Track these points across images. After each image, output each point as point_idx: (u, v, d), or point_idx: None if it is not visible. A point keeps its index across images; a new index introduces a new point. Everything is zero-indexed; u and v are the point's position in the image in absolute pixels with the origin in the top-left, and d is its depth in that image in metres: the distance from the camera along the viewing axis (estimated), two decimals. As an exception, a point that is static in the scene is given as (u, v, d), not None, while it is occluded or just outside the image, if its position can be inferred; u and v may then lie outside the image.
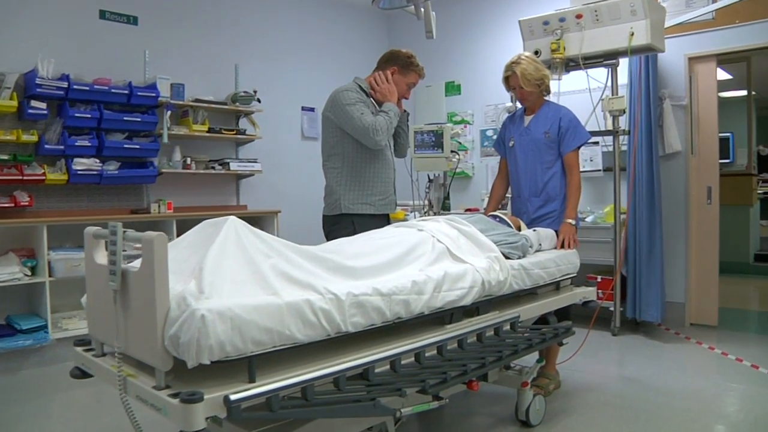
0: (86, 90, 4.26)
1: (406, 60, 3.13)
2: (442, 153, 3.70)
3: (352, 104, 2.90)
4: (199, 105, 4.92)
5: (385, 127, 2.90)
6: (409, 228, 2.54)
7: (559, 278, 2.86)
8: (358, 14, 6.60)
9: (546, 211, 3.22)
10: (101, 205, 4.65)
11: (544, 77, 3.13)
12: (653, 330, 4.61)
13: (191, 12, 5.19)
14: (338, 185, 3.05)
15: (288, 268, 1.86)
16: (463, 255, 2.38)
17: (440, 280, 2.13)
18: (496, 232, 2.69)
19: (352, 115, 2.89)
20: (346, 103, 2.91)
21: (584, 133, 3.17)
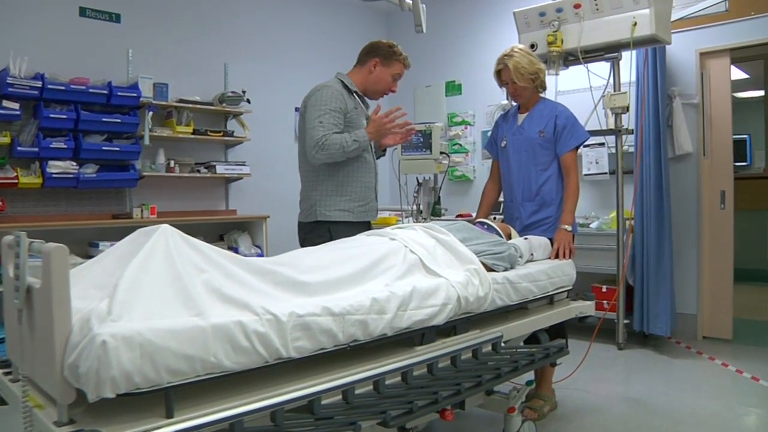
0: (62, 90, 4.07)
1: (388, 50, 2.89)
2: (430, 154, 3.45)
3: (319, 106, 2.67)
4: (184, 106, 4.71)
5: (336, 149, 2.64)
6: (380, 237, 2.30)
7: (552, 292, 2.60)
8: (355, 12, 6.38)
9: (540, 217, 2.96)
10: (81, 209, 4.45)
11: (538, 71, 2.87)
12: (662, 343, 4.31)
13: (178, 9, 4.99)
14: (314, 189, 2.81)
15: (224, 284, 1.63)
16: (438, 267, 2.13)
17: (407, 296, 1.88)
18: (480, 242, 2.43)
19: (310, 117, 2.68)
20: (315, 103, 2.70)
21: (582, 132, 2.91)
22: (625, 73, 3.94)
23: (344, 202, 2.80)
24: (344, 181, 2.80)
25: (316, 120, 2.64)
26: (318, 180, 2.80)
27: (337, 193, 2.80)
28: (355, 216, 2.80)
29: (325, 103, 2.68)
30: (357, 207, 2.83)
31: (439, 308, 1.96)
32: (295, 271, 1.87)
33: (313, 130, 2.64)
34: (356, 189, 2.83)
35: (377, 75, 2.87)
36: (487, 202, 3.13)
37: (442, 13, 6.12)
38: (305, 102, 2.78)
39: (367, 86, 2.90)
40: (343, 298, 1.77)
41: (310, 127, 2.65)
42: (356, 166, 2.82)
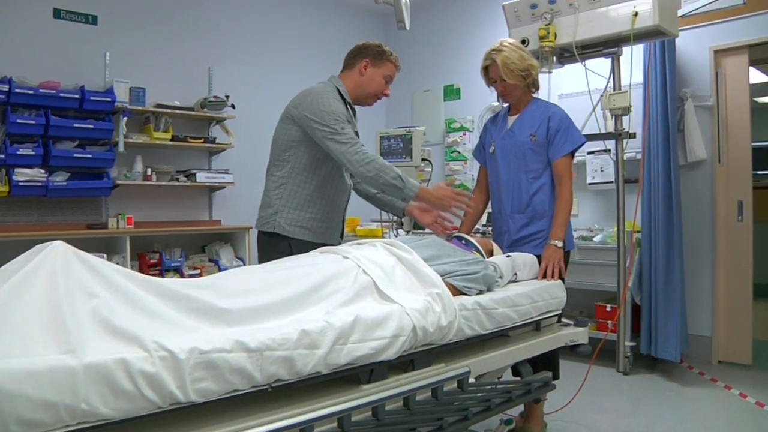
0: (30, 94, 3.86)
1: (377, 49, 2.61)
2: (411, 161, 3.16)
3: (333, 112, 2.38)
4: (161, 111, 4.48)
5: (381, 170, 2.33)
6: (334, 254, 2.01)
7: (536, 317, 2.28)
8: (351, 14, 6.12)
9: (531, 231, 2.66)
10: (54, 219, 4.23)
11: (530, 68, 2.57)
12: (673, 368, 3.95)
13: (159, 11, 4.77)
14: (277, 198, 2.52)
15: (117, 312, 1.36)
16: (394, 291, 1.83)
17: (347, 327, 1.58)
18: (450, 260, 2.13)
19: (322, 121, 2.37)
20: (325, 109, 2.38)
21: (578, 136, 2.60)
22: (632, 73, 3.60)
23: (306, 218, 2.51)
24: (313, 196, 2.52)
25: (338, 127, 2.35)
26: (284, 188, 2.51)
27: (302, 207, 2.51)
28: (315, 236, 2.51)
29: (339, 112, 2.40)
30: (319, 227, 2.54)
31: (388, 341, 1.66)
32: (216, 296, 1.59)
33: (341, 137, 2.35)
34: (323, 207, 2.54)
35: (368, 77, 2.59)
36: (471, 213, 2.82)
37: (439, 15, 5.84)
38: (302, 104, 2.46)
39: (359, 91, 2.60)
40: (265, 330, 1.49)
41: (331, 133, 2.35)
42: (331, 184, 2.55)
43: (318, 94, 2.44)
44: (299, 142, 2.48)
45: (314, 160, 2.49)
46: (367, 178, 2.34)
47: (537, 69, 2.60)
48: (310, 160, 2.49)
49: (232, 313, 1.54)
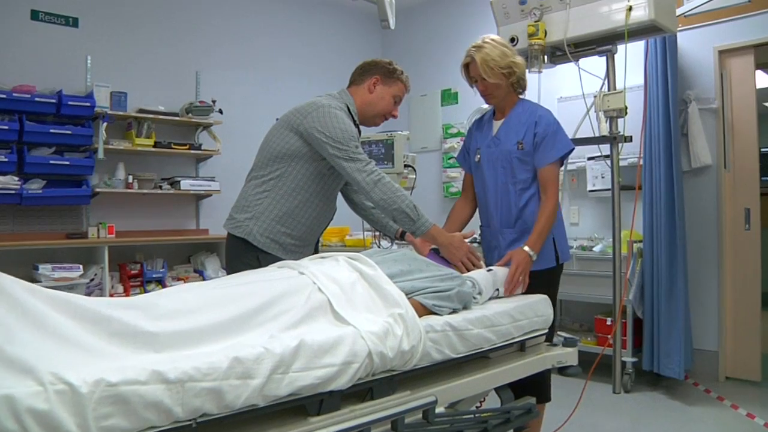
0: (3, 98, 3.73)
1: (388, 67, 2.44)
2: (393, 168, 2.98)
3: (345, 130, 2.22)
4: (144, 116, 4.33)
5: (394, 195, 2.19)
6: (290, 269, 1.83)
7: (519, 338, 2.08)
8: (345, 17, 5.96)
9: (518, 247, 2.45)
10: (32, 228, 4.09)
11: (512, 65, 2.36)
12: (677, 385, 3.73)
13: (144, 13, 4.63)
14: (257, 203, 2.33)
15: (17, 337, 1.19)
16: (350, 312, 1.65)
17: (288, 354, 1.39)
18: (421, 276, 1.94)
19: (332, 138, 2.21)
20: (335, 125, 2.21)
21: (565, 143, 2.39)
22: (629, 73, 3.40)
23: (281, 232, 2.33)
24: (294, 212, 2.34)
25: (353, 146, 2.20)
26: (267, 195, 2.32)
27: (280, 219, 2.33)
28: (285, 253, 2.33)
29: (353, 131, 2.25)
30: (291, 244, 2.36)
31: (338, 368, 1.47)
32: (145, 317, 1.41)
33: (357, 155, 2.21)
34: (301, 226, 2.36)
35: (377, 95, 2.42)
36: (453, 222, 2.62)
37: (436, 18, 5.68)
38: (307, 114, 2.26)
39: (366, 109, 2.43)
40: (192, 357, 1.31)
41: (346, 152, 2.20)
42: (317, 204, 2.37)
43: (330, 110, 2.25)
44: (298, 156, 2.29)
45: (308, 176, 2.32)
46: (379, 201, 2.19)
47: (522, 67, 2.40)
48: (303, 175, 2.31)
49: (160, 338, 1.37)
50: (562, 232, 2.49)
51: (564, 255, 2.47)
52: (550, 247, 2.42)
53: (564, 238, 2.50)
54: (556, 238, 2.43)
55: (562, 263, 2.48)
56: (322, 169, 2.32)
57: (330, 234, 4.75)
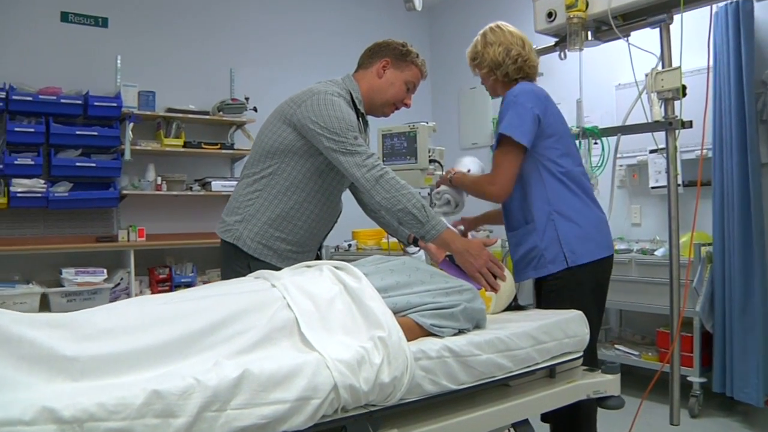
0: (29, 101, 3.67)
1: (401, 49, 2.14)
2: (416, 163, 2.67)
3: (343, 119, 1.92)
4: (172, 116, 4.20)
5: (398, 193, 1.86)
6: (264, 281, 1.57)
7: (543, 364, 1.73)
8: (389, 8, 5.67)
9: (525, 249, 2.11)
10: (62, 232, 4.03)
11: (476, 55, 2.21)
12: (755, 413, 3.22)
13: (175, 10, 4.51)
14: (248, 204, 2.09)
15: None
16: (318, 334, 1.37)
17: (226, 387, 1.13)
18: (423, 289, 1.63)
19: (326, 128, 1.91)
20: (331, 114, 1.92)
21: (509, 121, 2.02)
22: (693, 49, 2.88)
23: (274, 237, 2.07)
24: (289, 214, 2.07)
25: (351, 137, 1.91)
26: (258, 195, 2.07)
27: (272, 222, 2.07)
28: (279, 260, 2.06)
29: (351, 120, 1.94)
30: (287, 250, 2.09)
31: (291, 405, 1.18)
32: (68, 337, 1.20)
33: (355, 148, 1.90)
34: (298, 229, 2.09)
35: (387, 79, 2.13)
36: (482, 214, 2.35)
37: (484, 6, 5.32)
38: (301, 103, 1.99)
39: (374, 96, 2.14)
40: (104, 390, 1.08)
41: (343, 144, 1.90)
42: (315, 204, 2.09)
43: (326, 97, 1.96)
44: (292, 151, 2.02)
45: (304, 173, 2.05)
46: (382, 201, 1.86)
47: (494, 53, 2.15)
48: (299, 172, 2.04)
49: (78, 363, 1.15)
50: (574, 230, 2.08)
51: (578, 256, 2.07)
52: (555, 247, 2.06)
53: (579, 237, 2.08)
54: (563, 237, 2.06)
55: (581, 266, 2.08)
56: (320, 166, 2.05)
57: (366, 236, 4.48)
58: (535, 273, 2.07)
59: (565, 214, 2.07)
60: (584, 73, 4.24)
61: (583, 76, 4.27)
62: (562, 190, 2.07)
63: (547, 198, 2.06)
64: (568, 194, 2.07)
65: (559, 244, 2.05)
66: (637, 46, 2.50)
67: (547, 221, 2.06)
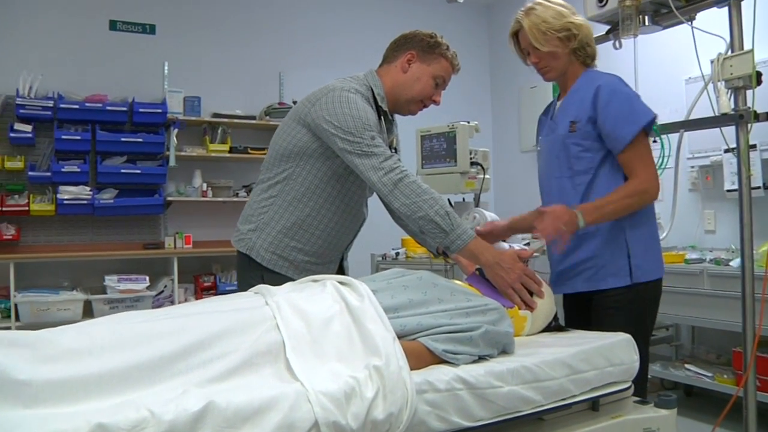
0: (76, 109, 3.71)
1: (428, 40, 1.94)
2: (455, 166, 2.46)
3: (360, 118, 1.76)
4: (218, 121, 4.16)
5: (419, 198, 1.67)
6: (259, 297, 1.42)
7: (581, 396, 1.49)
8: (446, 6, 5.46)
9: (579, 258, 1.82)
10: (109, 238, 4.06)
11: (571, 26, 1.79)
12: None
13: (222, 15, 4.48)
14: (262, 212, 1.95)
15: None
16: (306, 360, 1.20)
17: (186, 422, 0.98)
18: (438, 309, 1.43)
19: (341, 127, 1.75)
20: (347, 112, 1.77)
21: (641, 110, 1.75)
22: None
23: (290, 247, 1.91)
24: (306, 222, 1.91)
25: (367, 137, 1.75)
26: (273, 202, 1.93)
27: (288, 231, 1.91)
28: (296, 272, 1.90)
29: (368, 119, 1.78)
30: (304, 261, 1.93)
31: (257, 445, 1.02)
32: (29, 358, 1.10)
33: (372, 149, 1.74)
34: (315, 238, 1.93)
35: (413, 74, 1.94)
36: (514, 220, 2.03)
37: None
38: (315, 101, 1.85)
39: (398, 92, 1.96)
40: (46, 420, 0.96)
41: (358, 145, 1.74)
42: (334, 211, 1.93)
43: (342, 94, 1.80)
44: (308, 154, 1.87)
45: (321, 178, 1.89)
46: (401, 208, 1.68)
47: (586, 29, 1.83)
48: (315, 176, 1.89)
49: (31, 388, 1.04)
50: (644, 242, 1.82)
51: (644, 272, 1.80)
52: (622, 259, 1.78)
53: (648, 250, 1.82)
54: (632, 249, 1.79)
55: (645, 284, 1.81)
56: (337, 169, 1.88)
57: (416, 244, 4.26)
58: (587, 286, 1.80)
59: (637, 222, 1.79)
60: (650, 65, 3.91)
61: (649, 68, 3.94)
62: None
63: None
64: None
65: (627, 255, 1.78)
66: (704, 30, 2.20)
67: (614, 227, 1.78)
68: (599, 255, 1.78)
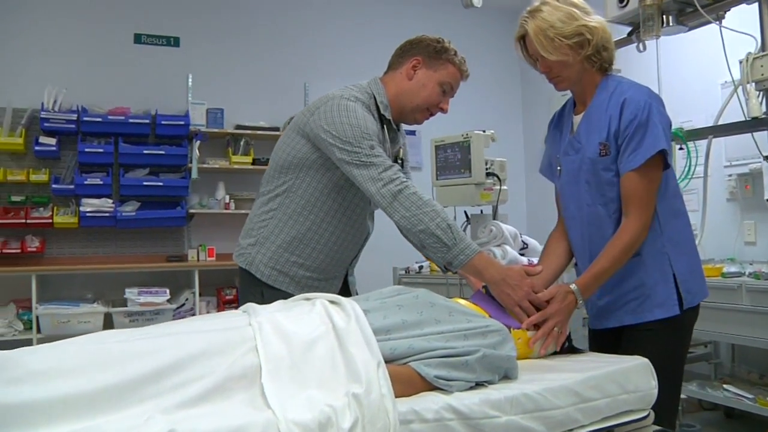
0: (99, 122, 3.74)
1: (435, 45, 1.86)
2: (470, 177, 2.36)
3: (359, 127, 1.69)
4: (240, 132, 4.15)
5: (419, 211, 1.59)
6: (242, 316, 1.35)
7: (591, 427, 1.36)
8: (472, 15, 5.35)
9: (624, 290, 1.64)
10: (133, 251, 4.07)
11: (583, 30, 1.59)
12: None
13: (246, 26, 4.49)
14: (262, 226, 1.88)
15: None
16: (286, 386, 1.12)
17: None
18: (433, 331, 1.33)
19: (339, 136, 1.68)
20: (345, 121, 1.70)
21: (654, 137, 1.54)
22: None
23: (290, 262, 1.83)
24: (306, 236, 1.83)
25: (366, 146, 1.68)
26: (273, 215, 1.86)
27: (288, 245, 1.84)
28: (298, 288, 1.82)
29: (367, 127, 1.71)
30: (306, 277, 1.85)
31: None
32: None
33: (370, 158, 1.66)
34: (317, 254, 1.85)
35: (418, 81, 1.86)
36: (546, 260, 1.79)
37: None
38: (314, 110, 1.79)
39: (402, 99, 1.88)
40: None
41: (356, 155, 1.67)
42: (336, 225, 1.85)
43: (341, 102, 1.74)
44: (307, 165, 1.81)
45: (321, 190, 1.82)
46: (401, 221, 1.60)
47: (601, 31, 1.62)
48: (315, 189, 1.82)
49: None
50: (688, 263, 1.64)
51: (693, 295, 1.65)
52: (669, 286, 1.61)
53: (694, 271, 1.67)
54: (679, 273, 1.61)
55: (692, 308, 1.66)
56: (338, 180, 1.80)
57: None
58: (635, 318, 1.62)
59: (678, 242, 1.63)
60: (681, 69, 3.74)
61: (681, 72, 3.77)
62: (673, 211, 1.64)
63: (657, 222, 1.61)
64: (679, 216, 1.65)
65: (674, 282, 1.61)
66: (733, 29, 2.06)
67: (657, 253, 1.61)
68: (644, 283, 1.61)
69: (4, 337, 3.43)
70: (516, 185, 4.55)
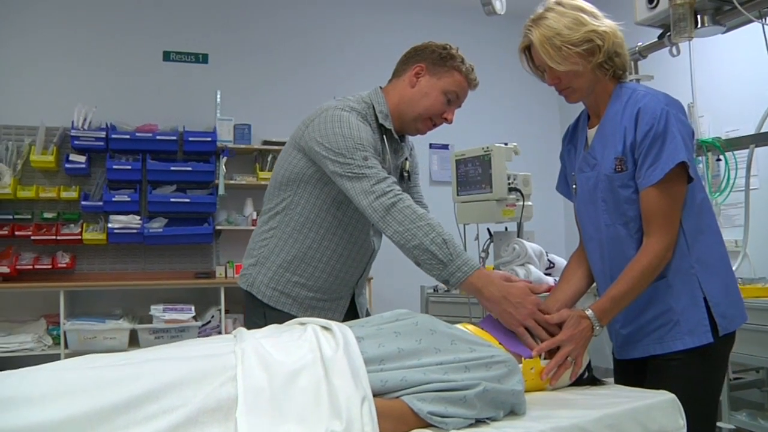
0: (127, 139, 3.77)
1: (440, 52, 1.77)
2: (491, 193, 2.24)
3: (353, 138, 1.61)
4: (268, 148, 4.12)
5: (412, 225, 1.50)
6: (225, 343, 1.26)
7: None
8: (502, 23, 5.23)
9: (650, 315, 1.48)
10: (161, 267, 4.07)
11: (592, 36, 1.46)
12: None
13: (275, 41, 4.48)
14: (262, 245, 1.80)
15: None
16: (263, 421, 1.03)
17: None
18: (434, 361, 1.21)
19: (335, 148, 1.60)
20: (339, 131, 1.62)
21: (673, 148, 1.39)
22: None
23: (291, 282, 1.75)
24: (307, 255, 1.74)
25: (358, 157, 1.59)
26: (273, 234, 1.78)
27: (289, 265, 1.75)
28: (301, 309, 1.74)
29: (361, 138, 1.62)
30: (309, 298, 1.76)
31: None
32: None
33: (363, 170, 1.57)
34: (319, 273, 1.76)
35: (421, 89, 1.77)
36: (565, 284, 1.67)
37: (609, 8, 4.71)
38: (309, 122, 1.71)
39: (404, 108, 1.79)
40: None
41: (348, 167, 1.59)
42: (337, 245, 1.76)
43: (335, 113, 1.66)
44: (304, 180, 1.73)
45: (320, 206, 1.74)
46: (394, 236, 1.51)
47: (612, 36, 1.48)
48: (314, 204, 1.74)
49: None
50: (722, 284, 1.48)
51: (729, 321, 1.48)
52: (700, 311, 1.44)
53: (729, 294, 1.50)
54: (711, 296, 1.44)
55: (728, 335, 1.49)
56: (337, 195, 1.71)
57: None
58: (662, 348, 1.46)
59: (709, 262, 1.47)
60: (725, 74, 3.53)
61: (724, 77, 3.56)
62: (701, 228, 1.48)
63: (684, 241, 1.46)
64: (708, 233, 1.49)
65: (706, 306, 1.45)
66: (776, 31, 1.89)
67: (685, 274, 1.46)
68: (672, 308, 1.45)
69: (33, 352, 3.45)
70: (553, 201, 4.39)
